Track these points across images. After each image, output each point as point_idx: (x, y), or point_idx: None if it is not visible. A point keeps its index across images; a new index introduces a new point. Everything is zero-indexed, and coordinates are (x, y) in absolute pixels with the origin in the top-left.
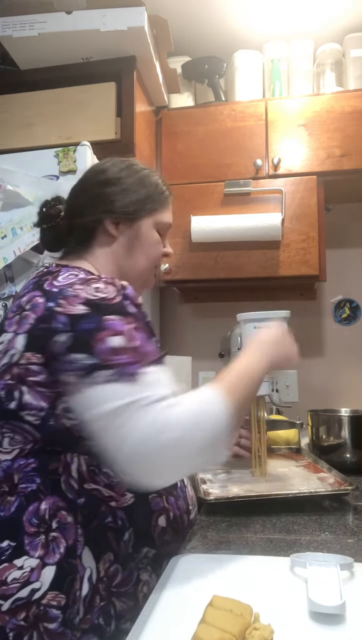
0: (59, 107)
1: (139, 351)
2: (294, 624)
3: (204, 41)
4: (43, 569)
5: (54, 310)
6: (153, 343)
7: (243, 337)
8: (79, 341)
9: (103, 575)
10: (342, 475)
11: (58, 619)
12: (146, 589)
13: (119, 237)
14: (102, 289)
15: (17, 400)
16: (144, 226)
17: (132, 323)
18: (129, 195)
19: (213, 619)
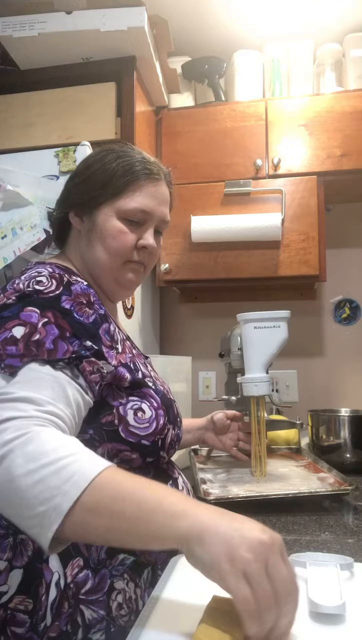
0: (59, 107)
1: (35, 345)
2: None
3: (204, 41)
4: (10, 572)
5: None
6: (70, 344)
7: (243, 337)
8: None
9: (70, 581)
10: (342, 475)
11: (26, 624)
12: (121, 598)
13: (82, 230)
14: (43, 283)
15: None
16: (100, 215)
17: (52, 317)
18: (86, 185)
19: (213, 619)
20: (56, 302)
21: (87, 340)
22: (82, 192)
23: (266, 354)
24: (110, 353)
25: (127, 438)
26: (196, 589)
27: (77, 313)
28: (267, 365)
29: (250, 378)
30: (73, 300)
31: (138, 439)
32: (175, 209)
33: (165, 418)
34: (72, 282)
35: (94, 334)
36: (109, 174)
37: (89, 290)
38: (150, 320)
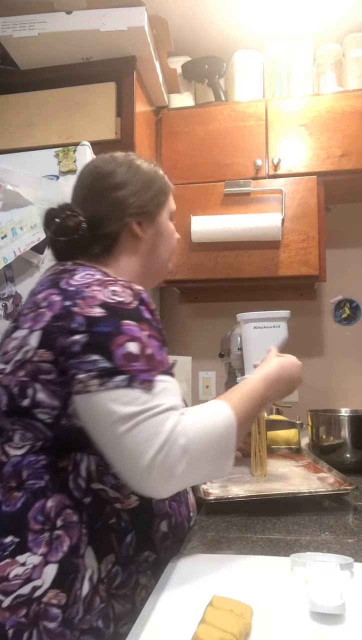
0: (59, 107)
1: (152, 359)
2: (294, 624)
3: (204, 41)
4: (45, 567)
5: (71, 310)
6: (164, 352)
7: (243, 337)
8: (95, 343)
9: (104, 576)
10: (343, 475)
11: (58, 618)
12: (145, 593)
13: (145, 237)
14: (119, 292)
15: (30, 397)
16: (162, 220)
17: (147, 330)
18: (144, 194)
19: (213, 619)
20: (139, 313)
21: (166, 345)
22: (145, 198)
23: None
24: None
25: None
26: (196, 589)
27: (154, 321)
28: None
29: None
30: (147, 309)
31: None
32: (176, 209)
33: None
34: (139, 290)
35: (165, 339)
36: (158, 181)
37: (148, 297)
38: None
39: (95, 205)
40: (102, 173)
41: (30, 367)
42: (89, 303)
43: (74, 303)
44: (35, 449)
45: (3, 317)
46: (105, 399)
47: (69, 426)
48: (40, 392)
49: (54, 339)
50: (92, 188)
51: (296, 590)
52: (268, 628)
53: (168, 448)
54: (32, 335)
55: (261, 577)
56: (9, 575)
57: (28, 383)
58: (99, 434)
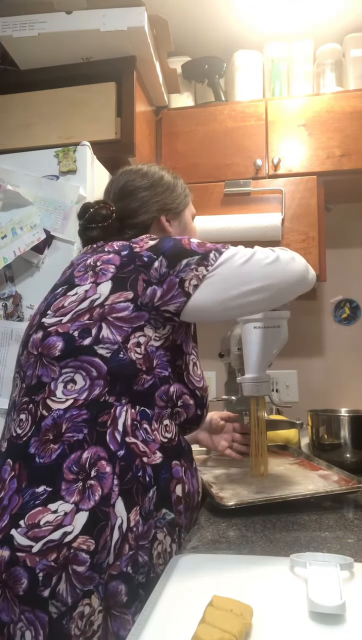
0: (59, 107)
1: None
2: (294, 624)
3: (204, 41)
4: (76, 514)
5: (133, 252)
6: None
7: (243, 337)
8: (173, 254)
9: (133, 525)
10: (346, 472)
11: (86, 563)
12: (160, 548)
13: (172, 231)
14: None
15: (93, 336)
16: (187, 218)
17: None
18: (172, 194)
19: (213, 619)
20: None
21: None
22: (174, 199)
23: (266, 354)
24: None
25: (188, 384)
26: (196, 589)
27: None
28: (267, 365)
29: (250, 378)
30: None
31: (194, 387)
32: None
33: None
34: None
35: None
36: (181, 184)
37: None
38: None
39: (126, 200)
40: (134, 177)
41: (99, 311)
42: (142, 242)
43: (130, 249)
44: (78, 403)
45: (3, 317)
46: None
47: (124, 360)
48: (105, 329)
49: (128, 281)
50: (123, 188)
51: (296, 590)
52: (268, 628)
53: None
54: (100, 287)
55: (261, 577)
56: (40, 522)
57: (92, 324)
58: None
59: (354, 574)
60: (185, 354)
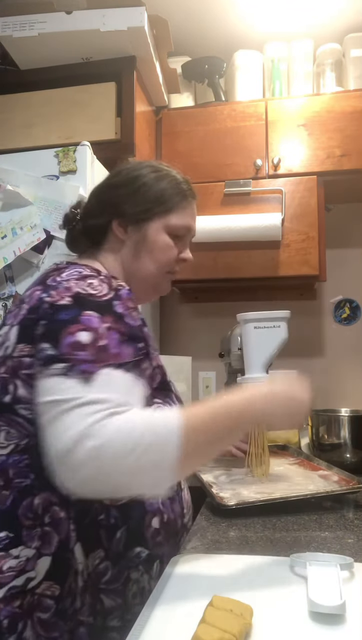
0: (59, 107)
1: (104, 351)
2: (294, 624)
3: (204, 41)
4: (39, 559)
5: (43, 300)
6: (130, 348)
7: (243, 337)
8: (50, 331)
9: (91, 571)
10: (346, 473)
11: (51, 609)
12: (136, 588)
13: (127, 241)
14: (95, 286)
15: (11, 394)
16: (152, 230)
17: (110, 323)
18: (137, 198)
19: (213, 619)
20: (109, 306)
21: (139, 342)
22: (134, 203)
23: (266, 354)
24: (152, 354)
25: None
26: (196, 589)
27: (128, 317)
28: (267, 365)
29: (250, 378)
30: (123, 304)
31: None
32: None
33: None
34: (119, 287)
35: (143, 336)
36: (160, 190)
37: (130, 294)
38: (150, 320)
39: (92, 199)
40: (115, 171)
41: (10, 363)
42: (61, 293)
43: (48, 294)
44: (20, 448)
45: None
46: (43, 386)
47: None
48: (20, 387)
49: (31, 332)
50: (100, 183)
51: (296, 590)
52: (268, 628)
53: (76, 445)
54: (12, 330)
55: (261, 577)
56: (2, 568)
57: (9, 379)
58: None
59: (354, 574)
60: None
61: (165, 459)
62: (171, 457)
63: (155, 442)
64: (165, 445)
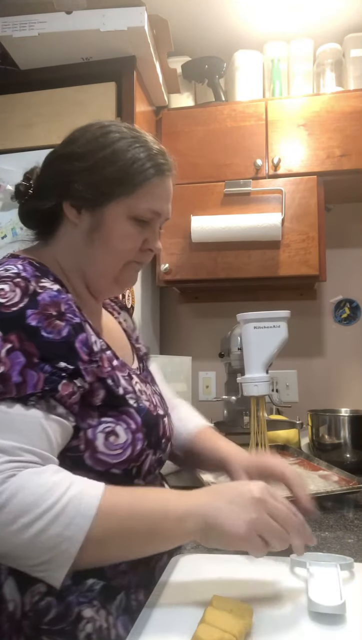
0: (59, 107)
1: (2, 381)
2: (294, 624)
3: (204, 41)
4: None
5: None
6: (39, 373)
7: (243, 337)
8: None
9: (29, 609)
10: (346, 472)
11: None
12: (90, 627)
13: (80, 225)
14: (5, 293)
15: None
16: (109, 214)
17: (17, 341)
18: (92, 175)
19: (213, 619)
20: (21, 319)
21: (60, 360)
22: (88, 183)
23: (266, 354)
24: (88, 368)
25: (93, 466)
26: (196, 589)
27: (46, 330)
28: (267, 365)
29: (250, 378)
30: (40, 313)
31: (107, 467)
32: (175, 209)
33: (145, 442)
34: (38, 290)
35: (68, 350)
36: (123, 167)
37: (59, 297)
38: (150, 320)
39: (43, 172)
40: (69, 137)
41: None
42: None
43: None
44: None
45: None
46: None
47: None
48: None
49: None
50: (52, 152)
51: (296, 590)
52: (268, 628)
53: None
54: None
55: (261, 577)
56: None
57: None
58: None
59: (354, 574)
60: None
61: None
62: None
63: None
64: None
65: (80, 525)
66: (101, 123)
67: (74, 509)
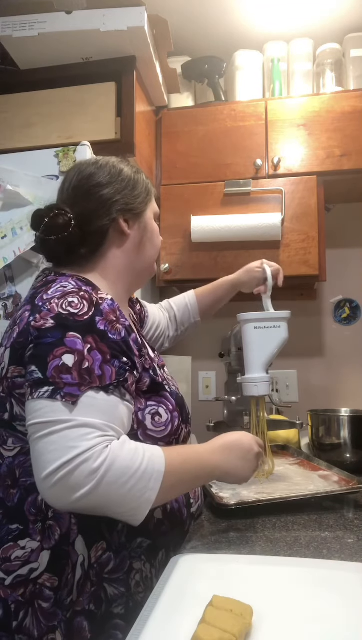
0: (59, 107)
1: (87, 373)
2: (294, 624)
3: (204, 41)
4: (42, 552)
5: (30, 324)
6: (113, 367)
7: (243, 337)
8: (37, 354)
9: (94, 562)
10: (346, 473)
11: (51, 599)
12: (139, 577)
13: (131, 234)
14: (75, 304)
15: (9, 412)
16: (148, 218)
17: (93, 343)
18: (129, 193)
19: (213, 619)
20: (92, 325)
21: (123, 356)
22: (131, 196)
23: (266, 354)
24: (139, 361)
25: (145, 441)
26: (196, 589)
27: (111, 332)
28: (267, 365)
29: (250, 378)
30: (105, 319)
31: (155, 441)
32: (175, 209)
33: (180, 419)
34: (100, 301)
35: (127, 348)
36: (142, 180)
37: (114, 305)
38: None
39: (84, 202)
40: (87, 174)
41: (6, 383)
42: (45, 316)
43: (34, 317)
44: (25, 450)
45: (3, 317)
46: (32, 408)
47: None
48: (16, 406)
49: (21, 354)
50: (78, 187)
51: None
52: (268, 628)
53: (75, 466)
54: (5, 353)
55: (261, 577)
56: (11, 557)
57: (5, 398)
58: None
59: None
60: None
61: (149, 496)
62: (153, 495)
63: (145, 478)
64: (152, 482)
65: (157, 478)
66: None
67: (152, 467)
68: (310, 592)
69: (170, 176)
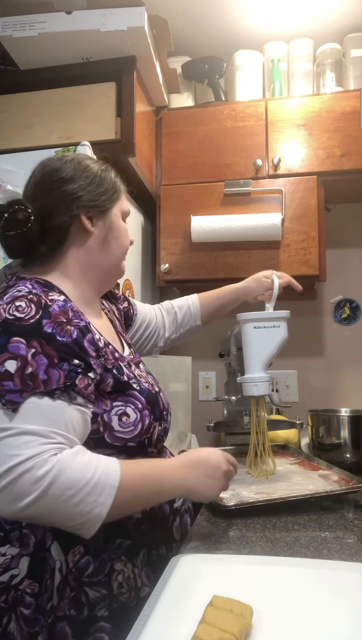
0: (59, 107)
1: (31, 379)
2: (294, 624)
3: (204, 41)
4: (21, 558)
5: None
6: (60, 370)
7: (243, 336)
8: None
9: (72, 567)
10: (346, 472)
11: (32, 605)
12: (121, 578)
13: (94, 232)
14: (22, 309)
15: None
16: (114, 216)
17: (38, 346)
18: (94, 189)
19: (213, 619)
20: (38, 328)
21: (74, 359)
22: (96, 193)
23: (266, 354)
24: (97, 362)
25: (113, 443)
26: (196, 589)
27: (60, 335)
28: (267, 365)
29: (250, 378)
30: (53, 322)
31: (124, 442)
32: (175, 209)
33: (151, 417)
34: (49, 303)
35: (79, 350)
36: (109, 177)
37: (66, 306)
38: None
39: (45, 198)
40: (51, 168)
41: None
42: None
43: None
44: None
45: None
46: None
47: None
48: None
49: None
50: (41, 182)
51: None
52: (268, 628)
53: (18, 474)
54: None
55: (261, 577)
56: None
57: None
58: None
59: None
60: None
61: (99, 511)
62: (104, 510)
63: (95, 492)
64: (102, 497)
65: (109, 493)
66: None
67: (104, 482)
68: (310, 592)
69: (170, 176)
